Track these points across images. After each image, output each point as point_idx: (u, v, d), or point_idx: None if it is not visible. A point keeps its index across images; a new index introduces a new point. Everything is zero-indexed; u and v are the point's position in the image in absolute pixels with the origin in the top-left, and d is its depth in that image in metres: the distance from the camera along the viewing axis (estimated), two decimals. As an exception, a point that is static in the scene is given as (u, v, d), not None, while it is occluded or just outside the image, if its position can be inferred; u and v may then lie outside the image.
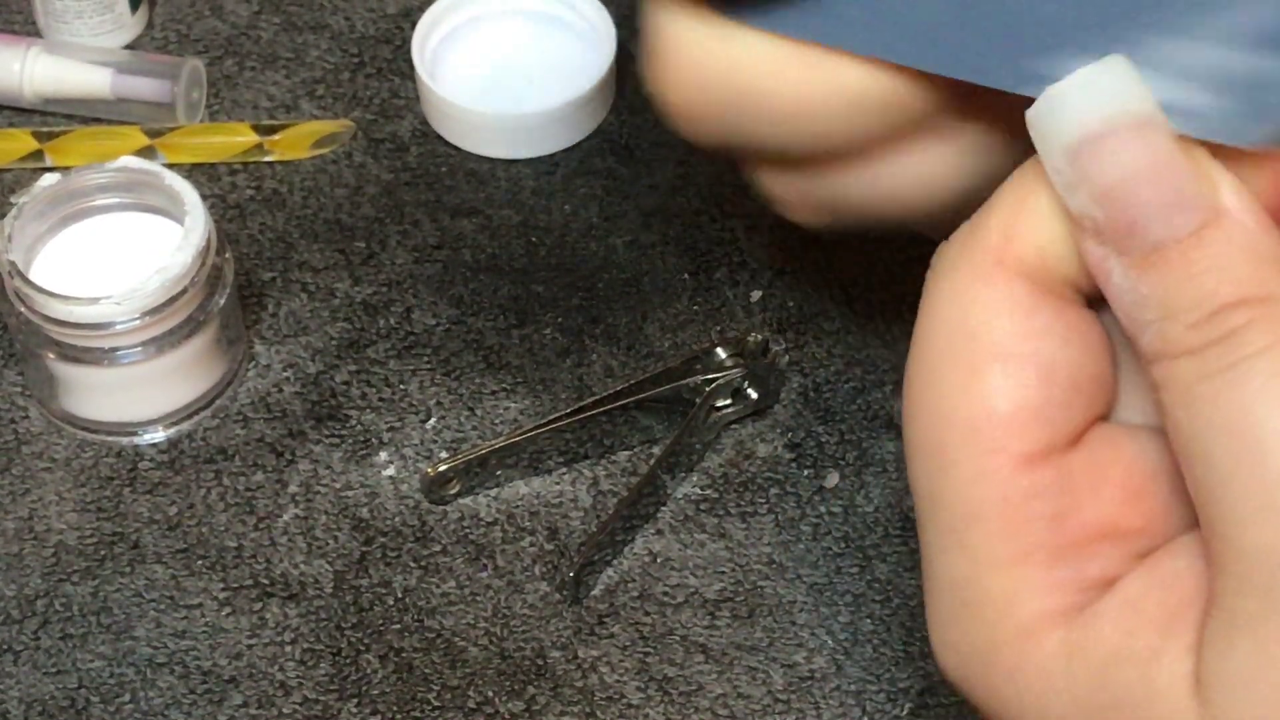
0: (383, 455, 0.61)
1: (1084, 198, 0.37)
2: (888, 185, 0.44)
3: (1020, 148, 0.39)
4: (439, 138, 0.69)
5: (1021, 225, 0.39)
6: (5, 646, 0.57)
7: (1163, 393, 0.37)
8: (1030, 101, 0.38)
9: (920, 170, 0.44)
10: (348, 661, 0.57)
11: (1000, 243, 0.39)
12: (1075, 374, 0.39)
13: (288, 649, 0.57)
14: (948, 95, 0.41)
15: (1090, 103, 0.37)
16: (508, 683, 0.56)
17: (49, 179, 0.61)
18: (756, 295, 0.64)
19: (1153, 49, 0.37)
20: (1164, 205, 0.37)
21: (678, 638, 0.57)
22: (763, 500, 0.60)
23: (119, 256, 0.61)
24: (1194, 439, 0.36)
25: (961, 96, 0.41)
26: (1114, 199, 0.37)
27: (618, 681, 0.56)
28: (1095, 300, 0.40)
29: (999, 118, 0.42)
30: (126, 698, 0.56)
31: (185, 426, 0.62)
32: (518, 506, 0.60)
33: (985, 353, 0.38)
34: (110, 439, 0.61)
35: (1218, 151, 0.38)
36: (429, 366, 0.63)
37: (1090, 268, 0.38)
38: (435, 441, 0.61)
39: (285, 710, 0.56)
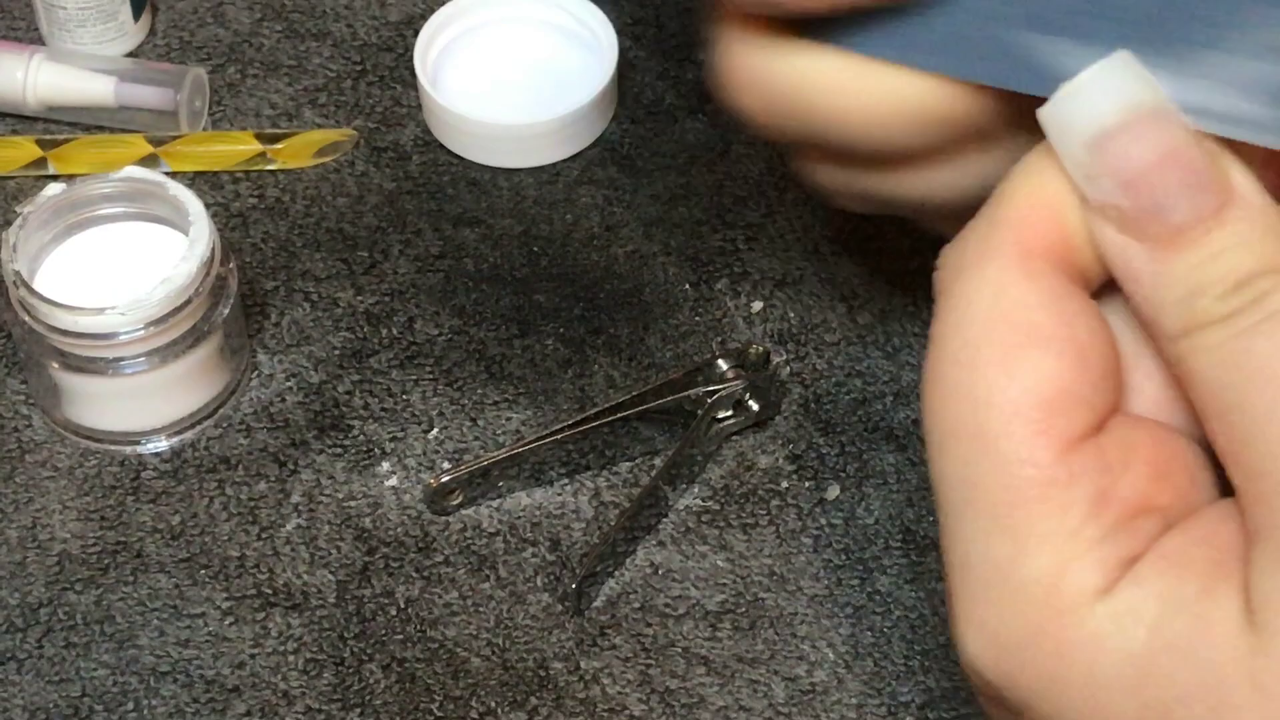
0: (385, 465, 0.61)
1: (1108, 187, 0.39)
2: (937, 186, 0.47)
3: None
4: (441, 147, 0.69)
5: (1042, 215, 0.40)
6: (9, 655, 0.57)
7: (1190, 362, 0.38)
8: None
9: (970, 173, 0.46)
10: (350, 671, 0.57)
11: (1025, 233, 0.40)
12: (1104, 359, 0.40)
13: (291, 659, 0.57)
14: (1001, 106, 0.43)
15: (1106, 97, 0.39)
16: (510, 694, 0.56)
17: (54, 189, 0.61)
18: (758, 306, 0.64)
19: (1197, 61, 0.38)
20: (1185, 189, 0.38)
21: (679, 649, 0.57)
22: (764, 512, 0.60)
23: (123, 266, 0.61)
24: (1227, 391, 0.38)
25: (1014, 106, 0.43)
26: (1138, 186, 0.39)
27: (620, 694, 0.56)
28: (1099, 293, 0.41)
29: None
30: (130, 707, 0.56)
31: (188, 436, 0.62)
32: (520, 517, 0.60)
33: (1024, 337, 0.39)
34: (114, 448, 0.61)
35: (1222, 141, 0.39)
36: (431, 377, 0.63)
37: (1108, 256, 0.40)
38: (438, 452, 0.61)
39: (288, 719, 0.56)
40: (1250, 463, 0.38)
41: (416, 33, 0.71)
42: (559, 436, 0.60)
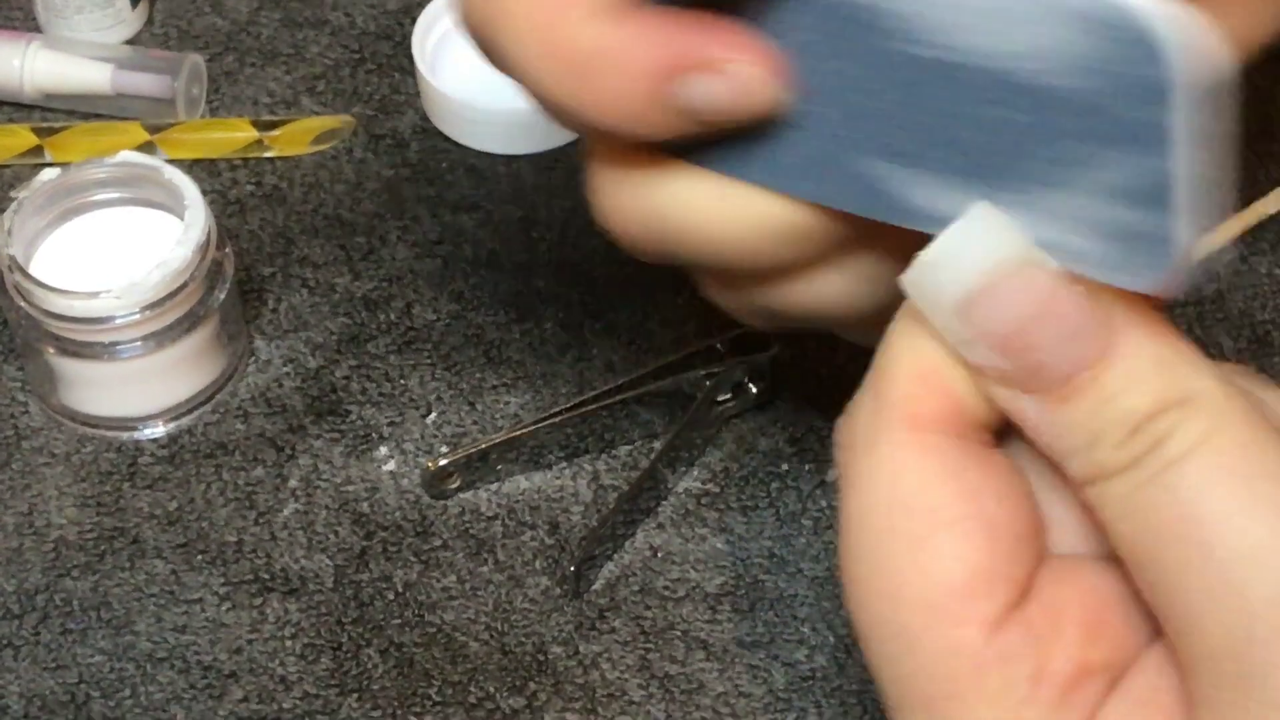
0: (383, 450, 0.61)
1: (982, 350, 0.37)
2: (816, 300, 0.45)
3: None
4: (439, 133, 0.69)
5: (925, 383, 0.38)
6: (5, 641, 0.57)
7: (1101, 511, 0.37)
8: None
9: (843, 288, 0.45)
10: (348, 656, 0.57)
11: (908, 404, 0.38)
12: (1016, 523, 0.38)
13: (288, 644, 0.57)
14: (862, 222, 0.42)
15: (966, 259, 0.37)
16: (509, 678, 0.56)
17: (49, 174, 0.61)
18: (757, 290, 0.64)
19: (1043, 198, 0.37)
20: (1064, 340, 0.37)
21: (679, 632, 0.57)
22: (764, 494, 0.60)
23: (119, 251, 0.61)
24: (1141, 546, 0.36)
25: (871, 225, 0.42)
26: (1014, 346, 0.37)
27: (619, 678, 0.56)
28: (1003, 431, 0.39)
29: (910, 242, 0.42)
30: (127, 692, 0.56)
31: (185, 421, 0.61)
32: (518, 501, 0.60)
33: (926, 523, 0.37)
34: (110, 434, 0.61)
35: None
36: (429, 361, 0.63)
37: (1003, 409, 0.38)
38: (436, 436, 0.61)
39: (285, 705, 0.56)
40: (1174, 622, 0.36)
41: (414, 20, 0.70)
42: (558, 420, 0.60)
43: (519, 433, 0.60)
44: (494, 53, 0.41)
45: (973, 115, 0.38)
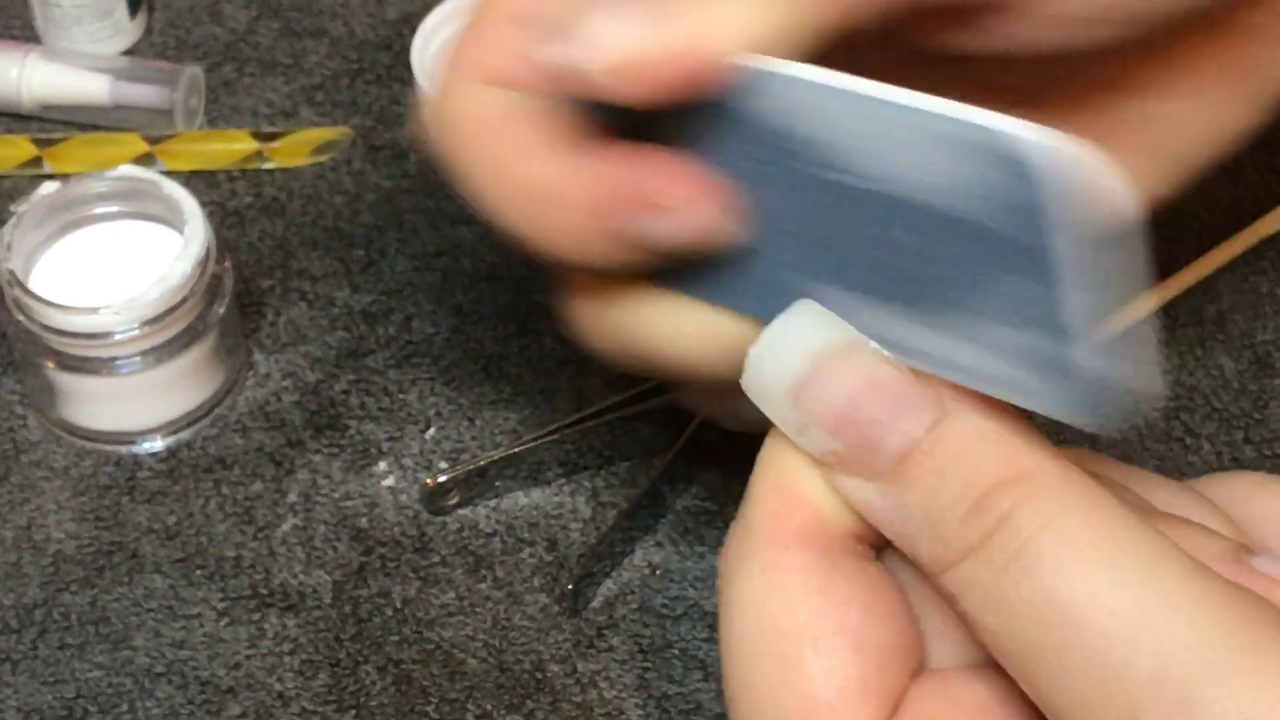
0: (382, 465, 0.61)
1: (817, 435, 0.38)
2: None
3: None
4: (439, 145, 0.69)
5: (786, 499, 0.39)
6: (3, 656, 0.57)
7: (963, 602, 0.37)
8: None
9: None
10: (346, 672, 0.57)
11: (773, 523, 0.39)
12: (886, 636, 0.38)
13: (286, 659, 0.57)
14: None
15: (792, 348, 0.38)
16: (506, 696, 0.56)
17: (48, 187, 0.61)
18: (756, 306, 0.64)
19: (947, 318, 0.38)
20: (892, 414, 0.37)
21: (677, 651, 0.57)
22: (762, 512, 0.60)
23: (118, 265, 0.61)
24: (1010, 637, 0.36)
25: None
26: (844, 424, 0.38)
27: (616, 697, 0.56)
28: (880, 547, 0.40)
29: None
30: (124, 708, 0.56)
31: (184, 435, 0.61)
32: (517, 517, 0.60)
33: (793, 641, 0.38)
34: (109, 448, 0.61)
35: None
36: (428, 376, 0.63)
37: (852, 504, 0.38)
38: (435, 451, 0.61)
39: (284, 722, 0.56)
40: (1058, 709, 0.36)
41: (414, 30, 0.70)
42: (557, 436, 0.60)
43: (518, 449, 0.60)
44: (459, 180, 0.42)
45: (889, 240, 0.38)
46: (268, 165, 0.68)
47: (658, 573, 0.59)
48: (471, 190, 0.42)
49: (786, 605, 0.38)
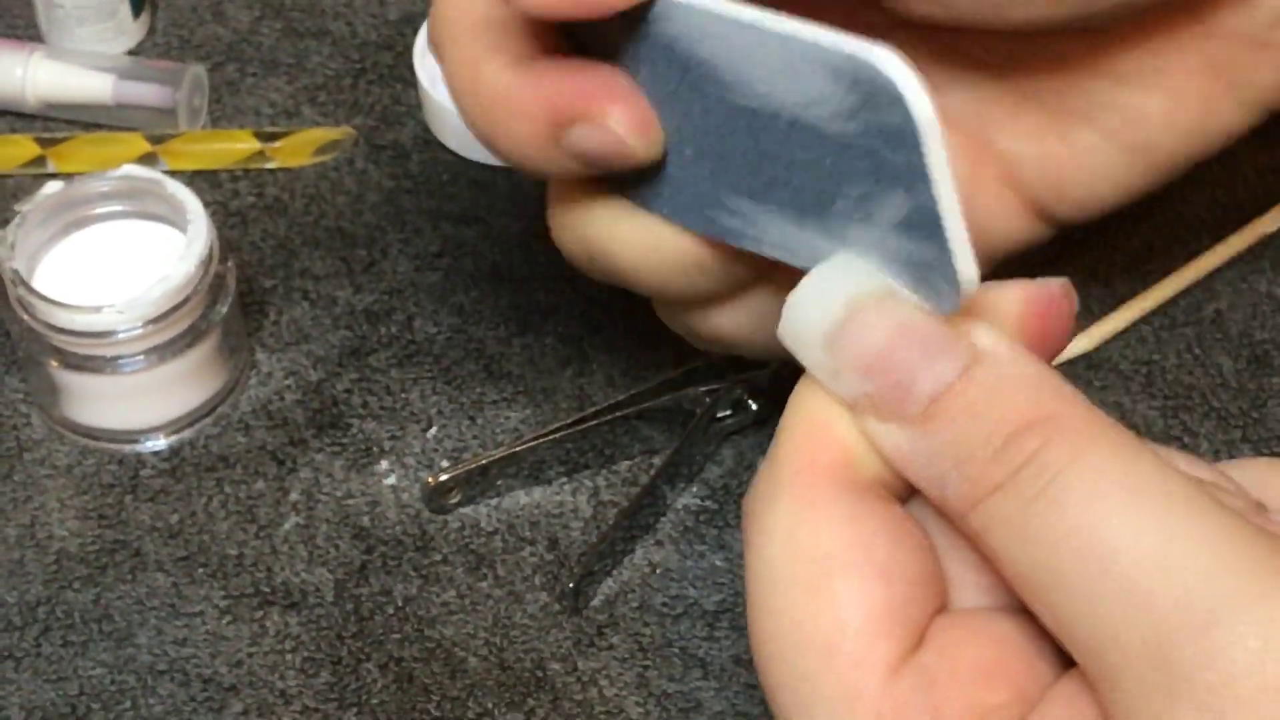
0: (384, 464, 0.61)
1: (850, 378, 0.39)
2: (734, 330, 0.50)
3: None
4: (441, 145, 0.69)
5: (818, 438, 0.40)
6: (6, 653, 0.57)
7: (989, 539, 0.38)
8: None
9: (752, 319, 0.49)
10: (348, 670, 0.57)
11: (805, 461, 0.40)
12: (912, 569, 0.39)
13: (288, 657, 0.57)
14: (750, 259, 0.46)
15: (829, 296, 0.40)
16: (507, 694, 0.56)
17: (52, 187, 0.61)
18: (757, 305, 0.64)
19: (849, 231, 0.41)
20: (924, 359, 0.38)
21: (677, 649, 0.57)
22: (762, 511, 0.60)
23: (121, 265, 0.61)
24: (1037, 569, 0.37)
25: (762, 260, 0.45)
26: (877, 368, 0.39)
27: (617, 695, 0.56)
28: (904, 498, 0.41)
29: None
30: (127, 705, 0.56)
31: (187, 434, 0.62)
32: (518, 516, 0.60)
33: (823, 570, 0.38)
34: (112, 446, 0.61)
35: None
36: (430, 375, 0.63)
37: (880, 448, 0.39)
38: (436, 450, 0.61)
39: (285, 719, 0.56)
40: (1085, 639, 0.36)
41: (416, 31, 0.71)
42: (558, 435, 0.60)
43: (519, 448, 0.60)
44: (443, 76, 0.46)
45: (788, 157, 0.41)
46: (270, 165, 0.68)
47: (658, 572, 0.59)
48: (447, 88, 0.46)
49: (815, 536, 0.39)
